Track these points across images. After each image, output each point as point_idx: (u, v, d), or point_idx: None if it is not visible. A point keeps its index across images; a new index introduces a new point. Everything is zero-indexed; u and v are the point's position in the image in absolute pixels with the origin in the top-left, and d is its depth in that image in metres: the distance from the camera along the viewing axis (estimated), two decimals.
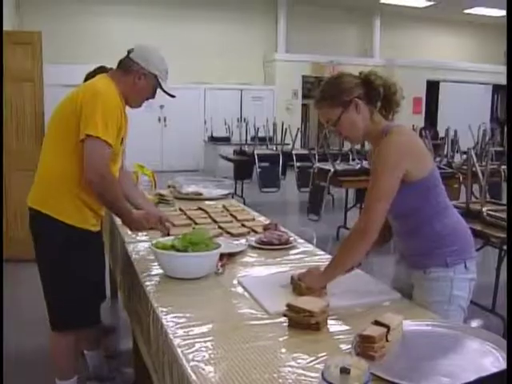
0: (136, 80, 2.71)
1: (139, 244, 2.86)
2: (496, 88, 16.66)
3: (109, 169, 2.59)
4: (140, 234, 2.97)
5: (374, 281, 2.31)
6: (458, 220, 2.23)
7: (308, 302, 1.81)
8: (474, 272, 2.18)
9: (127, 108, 2.76)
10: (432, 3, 14.29)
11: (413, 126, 8.87)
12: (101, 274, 3.01)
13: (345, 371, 1.17)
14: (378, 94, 2.11)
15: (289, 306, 1.82)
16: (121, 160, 2.87)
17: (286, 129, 9.90)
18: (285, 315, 1.83)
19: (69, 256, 2.66)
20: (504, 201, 5.81)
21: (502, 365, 1.51)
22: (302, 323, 1.78)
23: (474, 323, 4.00)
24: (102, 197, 2.61)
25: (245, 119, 11.08)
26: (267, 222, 3.34)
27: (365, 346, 1.54)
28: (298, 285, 2.10)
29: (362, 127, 2.13)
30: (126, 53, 2.80)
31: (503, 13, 15.16)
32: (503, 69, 16.72)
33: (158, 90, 2.80)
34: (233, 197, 4.84)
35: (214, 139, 12.20)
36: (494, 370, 1.47)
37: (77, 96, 2.60)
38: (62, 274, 2.68)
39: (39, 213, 2.64)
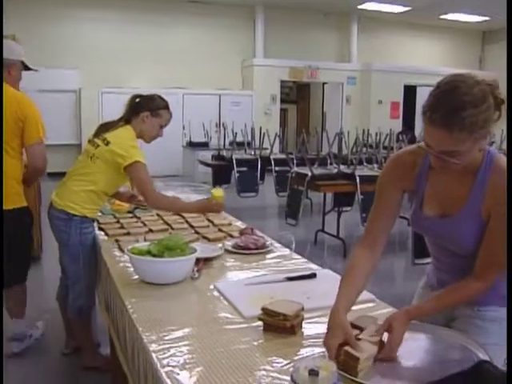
0: (13, 72, 3.32)
1: (115, 250, 2.86)
2: None
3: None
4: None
5: None
6: None
7: (282, 306, 1.82)
8: None
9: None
10: (408, 9, 14.43)
11: (390, 130, 8.92)
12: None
13: (313, 373, 1.18)
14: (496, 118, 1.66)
15: (263, 309, 1.82)
16: None
17: (264, 133, 9.91)
18: (260, 319, 1.83)
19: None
20: None
21: (475, 357, 1.54)
22: (277, 327, 1.78)
23: None
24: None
25: (223, 124, 11.08)
26: (244, 226, 3.34)
27: (349, 365, 1.48)
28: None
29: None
30: None
31: (478, 19, 15.37)
32: (478, 74, 16.92)
33: None
34: None
35: (192, 144, 12.17)
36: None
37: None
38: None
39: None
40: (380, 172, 2.01)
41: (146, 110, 3.13)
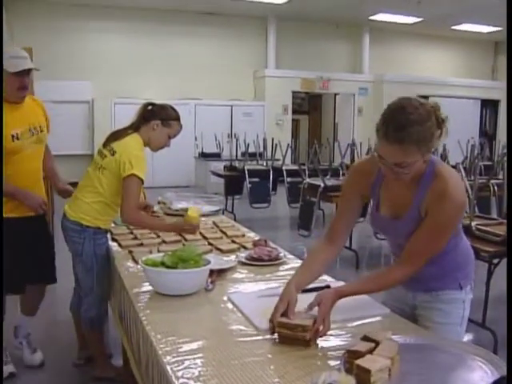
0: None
1: (129, 261, 2.86)
2: (484, 103, 16.78)
3: None
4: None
5: (362, 296, 2.30)
6: (466, 241, 2.22)
7: (297, 318, 1.81)
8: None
9: None
10: (420, 20, 14.42)
11: None
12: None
13: None
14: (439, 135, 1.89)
15: (280, 323, 1.81)
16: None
17: (276, 144, 9.91)
18: (278, 332, 1.82)
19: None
20: (493, 215, 5.85)
21: (490, 378, 1.52)
22: (294, 339, 1.77)
23: (465, 337, 3.99)
24: None
25: (235, 135, 11.08)
26: (257, 238, 3.34)
27: (363, 379, 1.47)
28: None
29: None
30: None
31: (490, 29, 15.33)
32: (491, 84, 16.90)
33: None
34: (223, 213, 4.83)
35: (204, 155, 12.20)
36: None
37: None
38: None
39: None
40: (344, 178, 2.23)
41: (157, 118, 3.12)
